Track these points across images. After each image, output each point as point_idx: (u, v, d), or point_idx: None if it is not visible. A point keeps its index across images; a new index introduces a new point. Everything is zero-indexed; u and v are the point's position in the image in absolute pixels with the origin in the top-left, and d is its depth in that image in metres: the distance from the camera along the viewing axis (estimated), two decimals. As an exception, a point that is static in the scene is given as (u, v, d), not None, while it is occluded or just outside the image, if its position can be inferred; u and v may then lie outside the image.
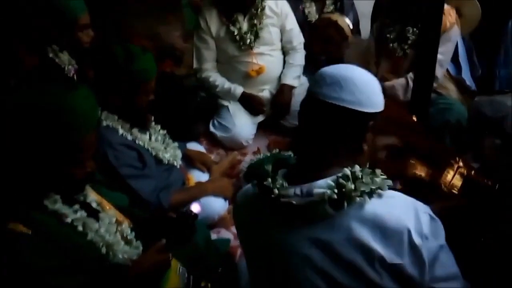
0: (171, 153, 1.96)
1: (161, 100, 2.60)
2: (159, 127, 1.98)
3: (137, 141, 1.82)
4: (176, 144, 2.04)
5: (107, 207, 1.37)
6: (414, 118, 1.96)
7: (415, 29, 2.29)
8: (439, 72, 2.32)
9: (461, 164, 1.69)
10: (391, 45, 2.38)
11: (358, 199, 0.95)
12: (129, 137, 1.80)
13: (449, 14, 2.20)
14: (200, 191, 1.96)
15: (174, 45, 3.14)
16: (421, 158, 1.62)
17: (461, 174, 1.64)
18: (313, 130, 1.02)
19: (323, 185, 0.97)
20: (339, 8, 2.88)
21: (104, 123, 1.72)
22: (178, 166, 2.01)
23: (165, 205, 1.81)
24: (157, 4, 3.39)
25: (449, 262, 1.02)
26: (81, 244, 1.17)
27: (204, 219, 1.82)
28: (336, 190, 0.95)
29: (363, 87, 0.99)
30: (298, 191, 0.98)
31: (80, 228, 1.18)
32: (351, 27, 2.70)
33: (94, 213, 1.28)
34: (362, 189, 0.95)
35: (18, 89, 1.85)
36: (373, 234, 0.95)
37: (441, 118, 2.26)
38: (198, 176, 2.15)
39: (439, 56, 2.20)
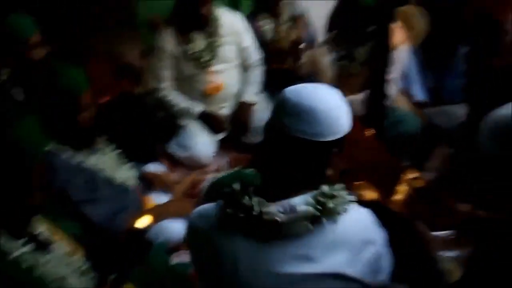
0: (124, 174, 1.93)
1: (120, 119, 2.58)
2: (110, 147, 1.94)
3: (86, 163, 1.77)
4: (129, 165, 2.00)
5: (59, 238, 1.33)
6: (370, 132, 2.02)
7: (363, 49, 2.35)
8: (393, 89, 2.39)
9: (412, 176, 1.75)
10: (340, 62, 2.44)
11: (334, 216, 1.01)
12: (77, 159, 1.75)
13: (398, 33, 2.28)
14: (159, 214, 1.93)
15: (132, 63, 3.11)
16: (370, 179, 1.66)
17: (412, 187, 1.70)
18: (277, 158, 1.04)
19: (302, 202, 1.00)
20: (294, 25, 2.94)
21: (50, 148, 1.66)
22: (133, 188, 1.97)
23: (121, 229, 1.76)
24: (113, 22, 3.37)
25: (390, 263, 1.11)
26: (27, 282, 1.12)
27: (164, 242, 1.79)
28: (319, 207, 0.99)
29: (326, 117, 0.98)
30: (280, 208, 0.99)
31: (25, 264, 1.13)
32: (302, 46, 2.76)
33: (44, 245, 1.24)
34: (339, 206, 1.01)
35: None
36: (346, 248, 1.01)
37: (395, 130, 2.33)
38: (158, 198, 2.11)
39: (390, 75, 2.29)
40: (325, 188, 1.02)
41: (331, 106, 1.00)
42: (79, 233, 1.49)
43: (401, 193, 1.74)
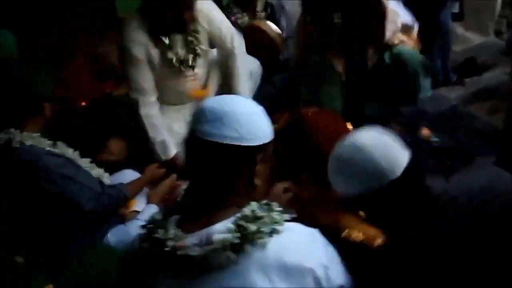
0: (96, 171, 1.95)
1: (99, 123, 2.54)
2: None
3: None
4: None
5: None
6: (350, 126, 1.94)
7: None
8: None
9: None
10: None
11: (260, 241, 0.92)
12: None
13: None
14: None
15: (115, 64, 3.07)
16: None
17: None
18: (200, 170, 0.98)
19: (222, 229, 0.92)
20: (270, 14, 2.85)
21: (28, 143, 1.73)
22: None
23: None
24: (96, 23, 3.34)
25: (347, 279, 1.02)
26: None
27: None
28: (237, 234, 0.91)
29: (247, 121, 0.96)
30: (195, 239, 0.91)
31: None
32: (280, 32, 2.67)
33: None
34: (263, 229, 0.92)
35: None
36: (278, 275, 0.92)
37: (396, 64, 2.20)
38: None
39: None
40: (247, 210, 0.93)
41: (252, 111, 0.99)
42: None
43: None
